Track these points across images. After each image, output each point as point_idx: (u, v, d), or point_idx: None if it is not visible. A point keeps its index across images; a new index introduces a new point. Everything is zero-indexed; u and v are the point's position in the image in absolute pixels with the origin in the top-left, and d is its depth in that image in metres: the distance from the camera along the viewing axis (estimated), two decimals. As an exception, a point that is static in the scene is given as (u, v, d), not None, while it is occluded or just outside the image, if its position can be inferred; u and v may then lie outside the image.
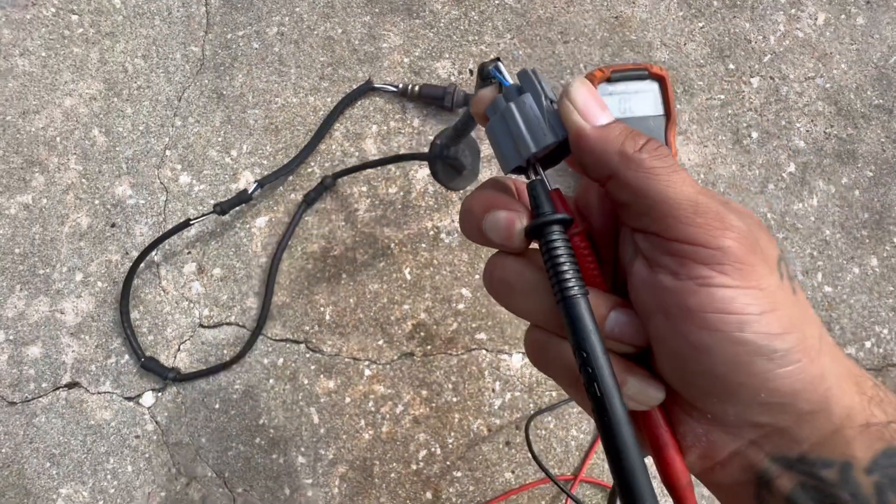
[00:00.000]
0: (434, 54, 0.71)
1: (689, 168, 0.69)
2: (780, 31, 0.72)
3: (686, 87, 0.70)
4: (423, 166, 0.68)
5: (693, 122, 0.70)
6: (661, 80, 0.65)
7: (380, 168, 0.68)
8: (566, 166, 0.26)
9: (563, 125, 0.23)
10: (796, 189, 0.69)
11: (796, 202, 0.69)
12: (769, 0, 0.72)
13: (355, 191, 0.68)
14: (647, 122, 0.65)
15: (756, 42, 0.71)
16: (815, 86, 0.71)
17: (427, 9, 0.72)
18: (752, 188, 0.69)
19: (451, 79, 0.70)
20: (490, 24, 0.71)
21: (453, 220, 0.68)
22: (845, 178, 0.69)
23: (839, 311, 0.67)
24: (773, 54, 0.71)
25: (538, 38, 0.71)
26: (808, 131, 0.70)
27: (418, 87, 0.68)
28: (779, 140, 0.70)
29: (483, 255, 0.67)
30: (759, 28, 0.72)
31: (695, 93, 0.70)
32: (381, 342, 0.66)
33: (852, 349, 0.67)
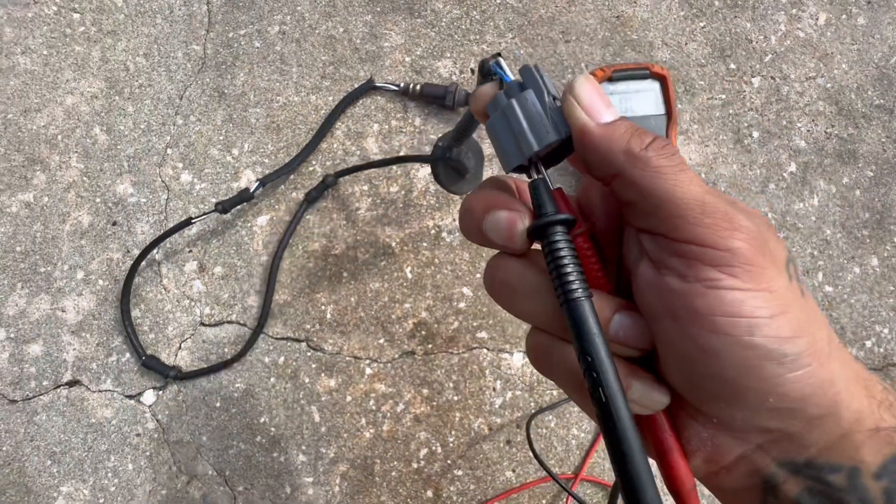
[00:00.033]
0: (435, 53, 0.71)
1: (691, 167, 0.69)
2: (781, 30, 0.72)
3: (687, 87, 0.70)
4: (424, 165, 0.68)
5: (694, 122, 0.70)
6: (662, 79, 0.65)
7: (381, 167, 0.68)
8: (568, 165, 0.25)
9: (567, 122, 0.23)
10: (797, 189, 0.69)
11: (797, 202, 0.69)
12: (770, 0, 0.72)
13: (356, 189, 0.68)
14: (649, 121, 0.65)
15: (757, 42, 0.72)
16: (816, 86, 0.71)
17: (429, 8, 0.72)
18: (753, 188, 0.69)
19: (452, 78, 0.70)
20: (492, 23, 0.71)
21: (454, 219, 0.68)
22: (846, 177, 0.69)
23: (840, 310, 0.67)
24: (775, 54, 0.71)
25: (540, 37, 0.71)
26: (808, 131, 0.70)
27: (420, 86, 0.68)
28: (780, 140, 0.70)
29: (484, 254, 0.67)
30: (760, 28, 0.72)
31: (696, 92, 0.70)
32: (382, 341, 0.66)
33: (853, 349, 0.67)
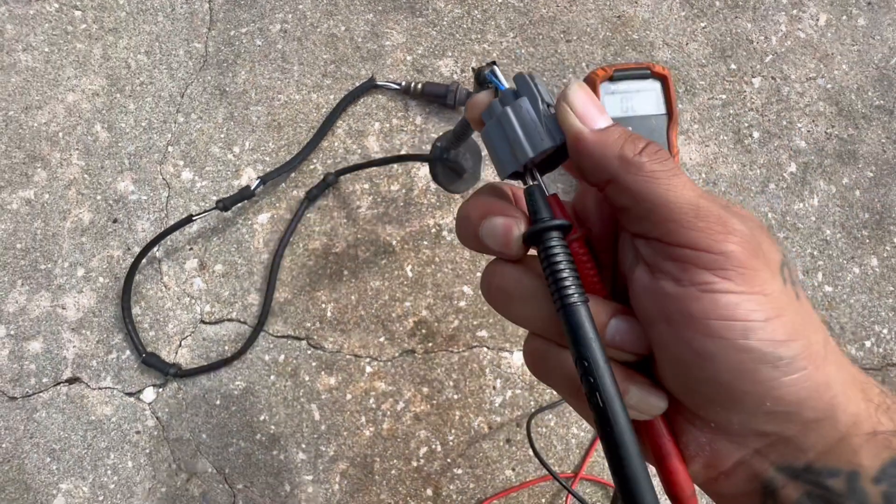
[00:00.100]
0: (437, 52, 0.71)
1: (691, 167, 0.69)
2: (781, 31, 0.72)
3: (688, 87, 0.70)
4: (425, 164, 0.68)
5: (695, 122, 0.70)
6: (663, 79, 0.65)
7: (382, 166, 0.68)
8: (563, 171, 0.25)
9: (561, 129, 0.23)
10: (797, 189, 0.69)
11: (797, 202, 0.69)
12: (771, 1, 0.73)
13: (357, 188, 0.68)
14: (649, 121, 0.65)
15: (758, 42, 0.72)
16: (817, 86, 0.71)
17: (430, 7, 0.72)
18: (753, 188, 0.69)
19: (453, 77, 0.70)
20: (493, 22, 0.72)
21: (455, 218, 0.68)
22: (846, 178, 0.69)
23: (839, 310, 0.67)
24: (775, 55, 0.71)
25: (541, 36, 0.71)
26: (809, 131, 0.70)
27: (421, 84, 0.68)
28: (780, 140, 0.70)
29: (485, 254, 0.67)
30: (760, 28, 0.72)
31: (697, 92, 0.70)
32: (382, 339, 0.66)
33: (852, 349, 0.67)
